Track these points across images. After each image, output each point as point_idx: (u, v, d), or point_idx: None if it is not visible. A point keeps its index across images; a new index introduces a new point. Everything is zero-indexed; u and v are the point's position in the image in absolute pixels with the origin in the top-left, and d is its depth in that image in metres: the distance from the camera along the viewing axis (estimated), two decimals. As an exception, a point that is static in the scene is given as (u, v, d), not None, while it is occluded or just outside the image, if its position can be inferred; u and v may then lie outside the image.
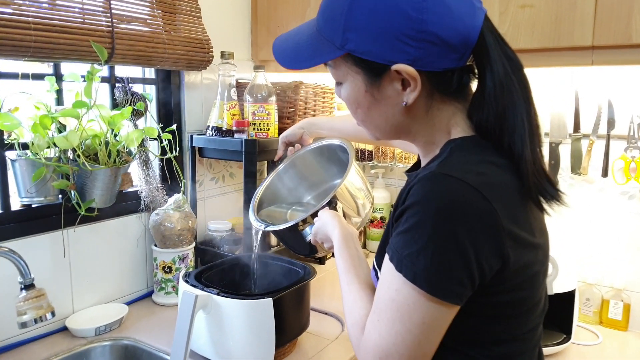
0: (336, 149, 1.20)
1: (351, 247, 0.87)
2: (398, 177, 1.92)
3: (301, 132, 1.26)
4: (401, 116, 0.73)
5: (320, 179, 1.30)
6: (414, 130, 0.75)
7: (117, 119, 1.28)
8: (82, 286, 1.33)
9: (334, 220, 0.93)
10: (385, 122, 0.75)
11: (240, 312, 1.06)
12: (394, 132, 0.76)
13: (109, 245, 1.39)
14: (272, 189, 1.27)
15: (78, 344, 1.23)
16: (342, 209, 1.04)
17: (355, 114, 0.77)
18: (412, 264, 0.63)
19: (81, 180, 1.28)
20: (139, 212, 1.46)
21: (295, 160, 1.26)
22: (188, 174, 1.58)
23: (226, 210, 1.74)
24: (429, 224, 0.62)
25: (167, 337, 1.26)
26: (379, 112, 0.73)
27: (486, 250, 0.62)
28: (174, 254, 1.42)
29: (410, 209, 0.64)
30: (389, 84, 0.70)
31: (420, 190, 0.64)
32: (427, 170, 0.66)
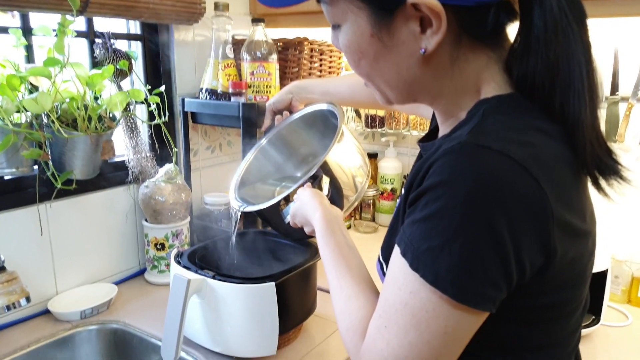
0: (328, 115, 1.06)
1: (337, 232, 0.73)
2: (411, 145, 1.77)
3: (289, 97, 1.12)
4: (418, 69, 0.57)
5: (312, 151, 1.17)
6: (434, 88, 0.60)
7: (97, 80, 1.13)
8: (66, 266, 1.21)
9: (314, 201, 0.80)
10: (397, 78, 0.59)
11: (239, 298, 0.94)
12: (409, 91, 0.61)
13: (94, 221, 1.26)
14: (258, 165, 1.13)
15: (62, 328, 1.11)
16: (329, 184, 0.90)
17: (357, 66, 0.61)
18: (432, 262, 0.49)
19: (58, 149, 1.14)
20: (127, 184, 1.32)
21: (282, 131, 1.12)
22: (180, 143, 1.44)
23: (224, 182, 1.60)
24: (458, 211, 0.48)
25: (160, 320, 1.14)
26: (390, 64, 0.58)
27: (529, 244, 0.49)
28: (166, 230, 1.29)
29: (433, 190, 0.50)
30: (404, 24, 0.55)
31: (447, 167, 0.50)
32: (455, 140, 0.52)
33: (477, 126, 0.53)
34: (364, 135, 1.89)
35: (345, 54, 0.61)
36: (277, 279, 0.95)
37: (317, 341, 1.08)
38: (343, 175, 0.96)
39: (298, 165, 1.16)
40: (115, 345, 1.14)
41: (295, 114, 1.11)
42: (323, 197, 0.84)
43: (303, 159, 1.15)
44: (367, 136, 1.89)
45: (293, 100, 1.12)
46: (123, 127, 1.29)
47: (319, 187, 0.89)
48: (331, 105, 1.04)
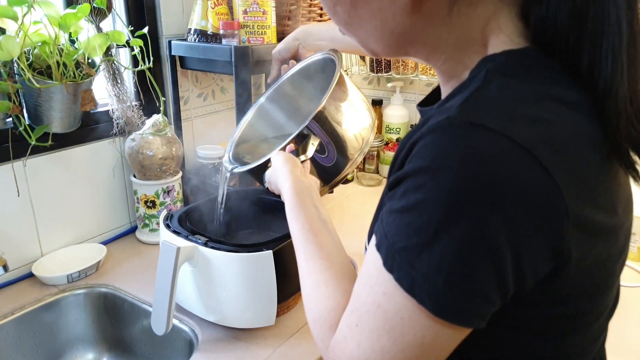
0: (329, 64, 0.94)
1: (307, 205, 0.65)
2: (419, 91, 1.65)
3: (296, 44, 1.00)
4: (406, 17, 0.46)
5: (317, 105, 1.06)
6: (429, 41, 0.48)
7: (70, 20, 1.00)
8: (50, 226, 1.13)
9: (284, 169, 0.72)
10: (381, 28, 0.48)
11: (234, 267, 0.86)
12: (398, 44, 0.49)
13: (78, 177, 1.17)
14: (258, 123, 1.03)
15: (47, 293, 1.05)
16: (320, 144, 0.81)
17: (334, 14, 0.50)
18: (409, 265, 0.40)
19: (33, 100, 1.03)
20: (112, 136, 1.22)
21: (283, 84, 1.01)
22: (169, 90, 1.32)
23: (218, 132, 1.50)
24: (441, 207, 0.38)
25: (153, 283, 1.07)
26: (370, 11, 0.47)
27: (533, 249, 0.39)
28: (156, 187, 1.20)
29: (412, 177, 0.40)
30: None
31: (431, 149, 0.40)
32: (444, 114, 0.41)
33: (473, 94, 0.42)
34: (368, 80, 1.76)
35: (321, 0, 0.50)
36: (274, 246, 0.87)
37: (318, 306, 1.01)
38: (341, 130, 0.86)
39: (302, 122, 1.07)
40: (106, 310, 1.08)
41: (297, 65, 1.00)
42: (295, 163, 0.75)
43: (307, 114, 1.04)
44: (371, 81, 1.76)
45: (300, 47, 1.00)
46: (105, 74, 1.17)
47: (303, 148, 0.80)
48: (331, 52, 0.92)
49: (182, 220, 0.98)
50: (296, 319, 0.97)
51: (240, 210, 1.11)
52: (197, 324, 0.94)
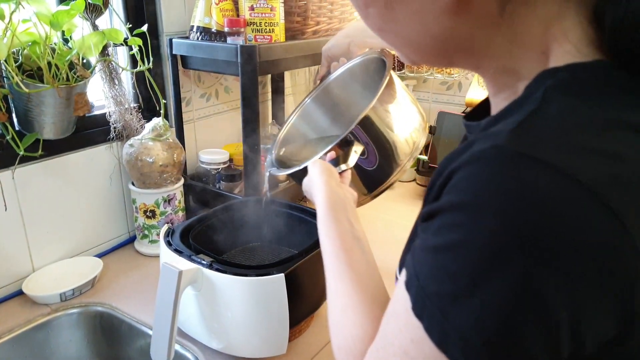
0: (379, 64, 0.88)
1: (341, 220, 0.60)
2: (433, 90, 1.56)
3: (347, 41, 0.95)
4: (450, 19, 0.39)
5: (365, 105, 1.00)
6: (476, 46, 0.41)
7: (62, 18, 0.92)
8: (42, 239, 1.05)
9: (319, 179, 0.67)
10: (420, 32, 0.41)
11: (242, 292, 0.78)
12: (440, 51, 0.42)
13: (73, 186, 1.09)
14: (304, 121, 1.01)
15: (39, 313, 0.97)
16: (363, 152, 0.76)
17: (366, 17, 0.43)
18: (441, 314, 0.33)
19: (22, 105, 0.95)
20: (109, 141, 1.14)
21: (331, 84, 0.96)
22: (170, 91, 1.23)
23: (222, 134, 1.42)
24: (482, 252, 0.32)
25: (153, 301, 1.00)
26: (408, 12, 0.40)
27: (595, 311, 0.32)
28: (156, 195, 1.12)
29: (450, 212, 0.34)
30: None
31: (473, 182, 0.33)
32: (491, 139, 0.34)
33: (528, 119, 0.35)
34: (378, 78, 1.67)
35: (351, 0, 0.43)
36: (286, 268, 0.79)
37: (332, 329, 0.94)
38: (390, 135, 0.81)
39: (348, 123, 1.01)
40: (102, 330, 1.00)
41: (346, 64, 0.94)
42: (331, 174, 0.70)
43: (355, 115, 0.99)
44: (382, 79, 1.67)
45: (351, 45, 0.95)
46: (101, 75, 1.09)
47: (345, 156, 0.75)
48: (382, 51, 0.86)
49: (185, 235, 0.90)
50: (309, 345, 0.90)
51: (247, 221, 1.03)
52: (201, 350, 0.87)
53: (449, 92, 1.55)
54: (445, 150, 1.37)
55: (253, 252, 1.04)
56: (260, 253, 1.04)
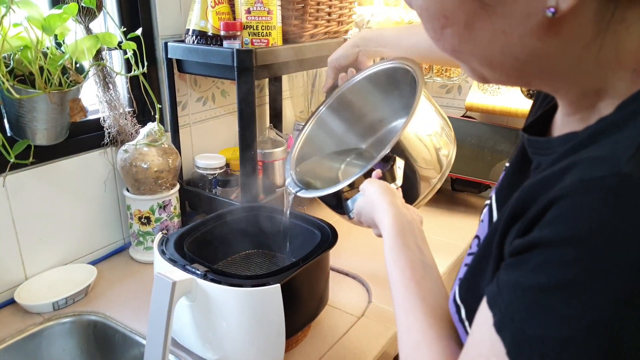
0: (401, 74, 0.85)
1: (410, 246, 0.56)
2: (432, 93, 1.55)
3: (356, 51, 0.92)
4: (539, 40, 0.36)
5: (381, 117, 0.98)
6: (561, 68, 0.38)
7: (54, 22, 0.90)
8: (35, 247, 1.03)
9: (383, 200, 0.62)
10: (503, 54, 0.38)
11: (237, 303, 0.76)
12: (520, 72, 0.39)
13: (65, 192, 1.07)
14: (318, 136, 0.98)
15: (31, 323, 0.95)
16: (405, 168, 0.73)
17: (439, 38, 0.40)
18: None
19: (14, 110, 0.93)
20: (103, 147, 1.12)
21: (345, 93, 0.94)
22: (165, 95, 1.22)
23: (219, 138, 1.40)
24: (604, 295, 0.29)
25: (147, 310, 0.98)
26: (492, 33, 0.37)
27: None
28: (151, 202, 1.11)
29: (557, 247, 0.31)
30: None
31: (587, 216, 0.30)
32: (599, 165, 0.31)
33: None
34: (377, 81, 1.65)
35: (420, 17, 0.40)
36: (282, 278, 0.78)
37: (330, 339, 0.92)
38: (424, 152, 0.79)
39: (364, 135, 0.99)
40: (95, 340, 0.99)
41: (361, 73, 0.91)
42: (394, 193, 0.66)
43: (370, 126, 0.97)
44: (381, 82, 1.66)
45: (360, 54, 0.92)
46: (95, 79, 1.07)
47: (391, 174, 0.71)
48: (406, 61, 0.85)
49: (179, 244, 0.88)
50: (306, 355, 0.88)
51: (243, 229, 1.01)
52: (196, 361, 0.85)
53: (448, 96, 1.53)
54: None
55: (249, 260, 1.02)
56: (256, 261, 1.02)
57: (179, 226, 1.17)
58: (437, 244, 1.25)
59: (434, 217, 1.41)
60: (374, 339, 0.91)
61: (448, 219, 1.39)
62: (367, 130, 0.99)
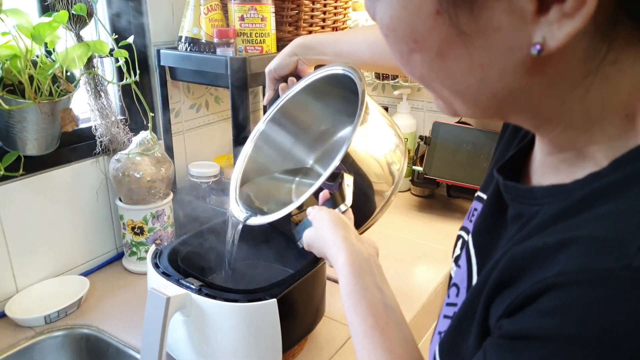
0: (344, 80, 0.83)
1: (370, 288, 0.52)
2: (427, 99, 1.54)
3: (294, 60, 0.88)
4: (521, 78, 0.32)
5: (327, 127, 0.94)
6: (545, 108, 0.35)
7: (44, 31, 0.89)
8: (26, 259, 1.01)
9: (336, 236, 0.57)
10: (477, 88, 0.34)
11: (232, 318, 0.75)
12: (497, 108, 0.36)
13: (57, 203, 1.05)
14: (262, 154, 0.92)
15: (23, 337, 0.93)
16: (356, 183, 0.70)
17: (407, 62, 0.36)
18: None
19: (3, 121, 0.91)
20: (95, 156, 1.10)
21: (286, 105, 0.89)
22: (158, 103, 1.20)
23: (213, 145, 1.38)
24: None
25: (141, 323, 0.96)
26: (467, 66, 0.33)
27: None
28: (145, 212, 1.09)
29: (560, 343, 0.28)
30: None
31: (594, 312, 0.27)
32: (600, 249, 0.28)
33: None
34: (372, 86, 1.65)
35: (385, 37, 0.36)
36: (278, 292, 0.76)
37: (327, 352, 0.91)
38: (373, 166, 0.75)
39: (311, 147, 0.94)
40: (88, 353, 0.97)
41: (300, 82, 0.88)
42: (347, 226, 0.61)
43: (317, 137, 0.93)
44: (376, 87, 1.65)
45: (299, 63, 0.88)
46: (86, 88, 1.05)
47: (340, 193, 0.68)
48: (347, 68, 0.81)
49: (173, 257, 0.87)
50: (302, 369, 0.87)
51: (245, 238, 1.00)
52: (191, 376, 0.84)
53: (443, 100, 1.53)
54: (440, 160, 1.35)
55: (245, 272, 1.01)
56: (252, 272, 1.01)
57: (172, 236, 1.16)
58: (432, 252, 1.25)
59: (428, 223, 1.40)
60: (371, 350, 0.90)
61: (443, 226, 1.38)
62: (315, 143, 0.94)
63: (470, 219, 0.51)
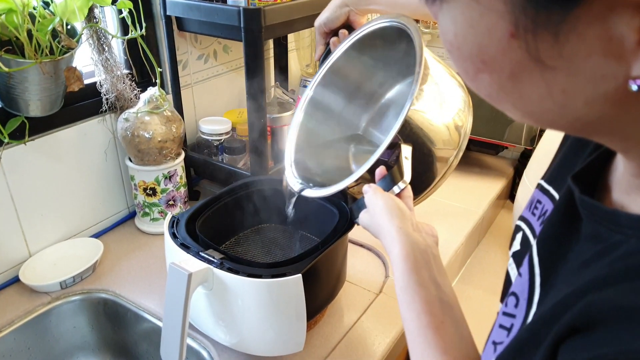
0: (395, 33, 0.76)
1: (426, 282, 0.50)
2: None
3: (345, 11, 0.81)
4: (608, 107, 0.28)
5: (381, 83, 0.88)
6: (634, 135, 0.30)
7: (41, -18, 0.81)
8: (36, 222, 0.98)
9: (390, 225, 0.55)
10: (557, 113, 0.29)
11: (256, 294, 0.73)
12: (576, 130, 0.32)
13: (64, 164, 1.01)
14: (313, 121, 0.87)
15: (39, 303, 0.92)
16: (416, 152, 0.65)
17: (473, 79, 0.31)
18: None
19: (3, 82, 0.85)
20: (102, 114, 1.04)
21: (336, 63, 0.83)
22: (164, 56, 1.13)
23: (222, 98, 1.32)
24: None
25: (157, 286, 0.96)
26: (547, 90, 0.28)
27: None
28: (156, 172, 1.05)
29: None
30: (595, 23, 0.24)
31: None
32: None
33: None
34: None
35: (449, 53, 0.31)
36: (303, 266, 0.74)
37: (349, 319, 0.90)
38: (436, 131, 0.69)
39: (365, 108, 0.88)
40: (106, 316, 0.96)
41: (351, 35, 0.81)
42: (403, 214, 0.57)
43: (371, 97, 0.87)
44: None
45: (351, 14, 0.81)
46: (88, 42, 0.98)
47: (399, 167, 0.63)
48: (400, 18, 0.73)
49: (191, 225, 0.84)
50: (325, 337, 0.86)
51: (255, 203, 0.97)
52: (213, 345, 0.83)
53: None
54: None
55: (263, 236, 0.98)
56: (270, 236, 0.98)
57: (185, 196, 1.12)
58: (449, 210, 1.22)
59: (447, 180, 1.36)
60: (394, 317, 0.89)
61: (462, 182, 1.35)
62: (368, 101, 0.88)
63: (533, 212, 0.47)
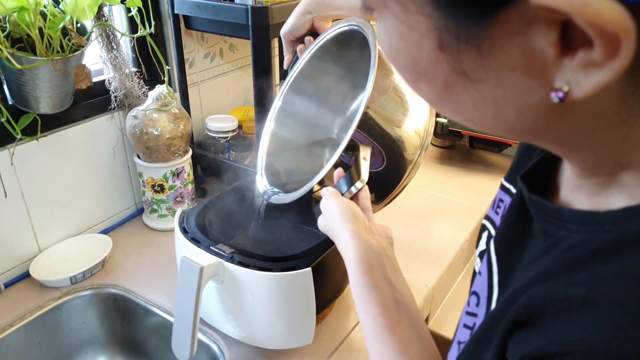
0: (358, 36, 0.76)
1: (380, 284, 0.50)
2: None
3: (309, 18, 0.81)
4: (542, 116, 0.28)
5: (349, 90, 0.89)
6: (572, 142, 0.31)
7: (53, -20, 0.82)
8: (45, 218, 0.99)
9: (344, 228, 0.55)
10: (496, 121, 0.30)
11: (266, 287, 0.74)
12: (515, 137, 0.32)
13: (73, 161, 1.02)
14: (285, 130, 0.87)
15: (49, 297, 0.93)
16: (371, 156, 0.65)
17: (413, 87, 0.32)
18: None
19: (14, 79, 0.86)
20: (110, 111, 1.06)
21: (304, 68, 0.83)
22: (172, 54, 1.14)
23: (228, 96, 1.33)
24: None
25: (167, 281, 0.97)
26: (480, 100, 0.29)
27: None
28: (164, 169, 1.06)
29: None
30: (517, 35, 0.25)
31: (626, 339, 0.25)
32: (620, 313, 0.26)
33: None
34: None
35: (391, 62, 0.32)
36: (312, 260, 0.75)
37: (356, 311, 0.91)
38: (395, 129, 0.70)
39: (338, 112, 0.89)
40: (116, 310, 0.97)
41: (315, 42, 0.81)
42: (357, 218, 0.58)
43: (343, 100, 0.88)
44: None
45: (315, 21, 0.81)
46: (98, 40, 0.99)
47: (356, 167, 0.63)
48: (359, 21, 0.74)
49: (200, 220, 0.85)
50: (334, 330, 0.87)
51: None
52: (223, 338, 0.84)
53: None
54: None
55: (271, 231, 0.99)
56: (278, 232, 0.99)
57: (193, 193, 1.13)
58: (454, 206, 1.23)
59: (449, 176, 1.37)
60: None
61: (466, 179, 1.36)
62: (341, 107, 0.88)
63: (496, 211, 0.47)
